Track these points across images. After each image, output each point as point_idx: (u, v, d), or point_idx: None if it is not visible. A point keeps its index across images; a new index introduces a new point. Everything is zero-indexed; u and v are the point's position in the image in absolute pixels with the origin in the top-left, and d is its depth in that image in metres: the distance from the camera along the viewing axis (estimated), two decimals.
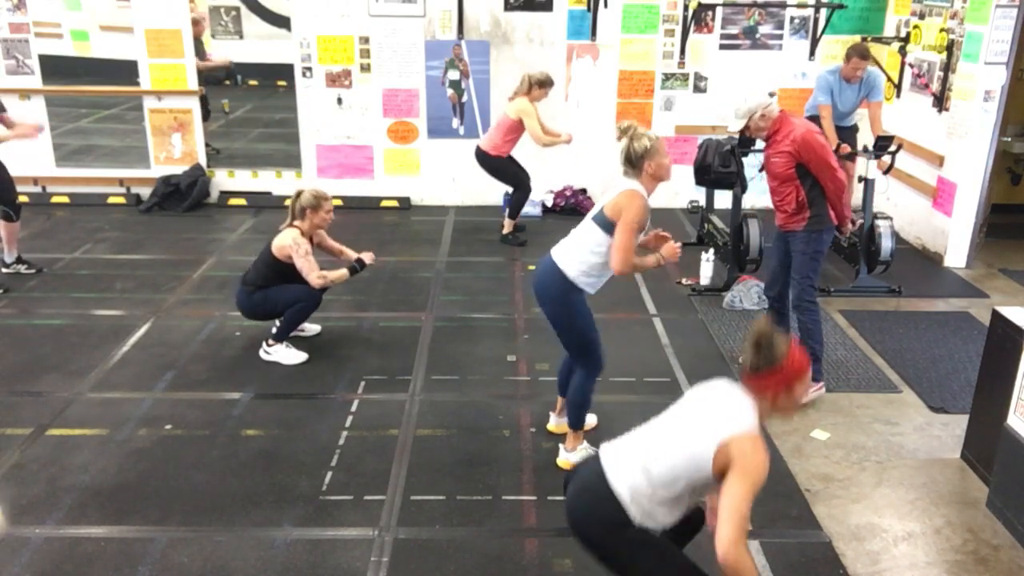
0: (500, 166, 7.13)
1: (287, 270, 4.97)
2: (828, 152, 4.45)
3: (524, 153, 7.25)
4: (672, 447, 2.54)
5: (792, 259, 4.65)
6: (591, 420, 4.22)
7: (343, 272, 5.08)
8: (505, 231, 7.26)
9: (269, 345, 5.06)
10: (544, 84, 6.89)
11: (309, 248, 4.99)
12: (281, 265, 4.97)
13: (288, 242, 4.93)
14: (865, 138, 6.98)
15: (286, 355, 5.04)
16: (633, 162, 3.65)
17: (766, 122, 4.45)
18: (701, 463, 2.46)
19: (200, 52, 9.00)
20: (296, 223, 4.99)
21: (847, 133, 6.77)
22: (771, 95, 4.45)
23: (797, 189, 4.48)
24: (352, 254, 5.21)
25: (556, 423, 4.30)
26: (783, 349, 2.50)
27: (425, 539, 3.52)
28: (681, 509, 2.59)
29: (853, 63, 6.34)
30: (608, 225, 3.64)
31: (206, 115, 9.14)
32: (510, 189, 7.31)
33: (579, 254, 3.74)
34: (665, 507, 2.54)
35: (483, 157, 7.11)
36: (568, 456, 4.03)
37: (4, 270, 6.27)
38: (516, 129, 6.97)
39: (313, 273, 4.95)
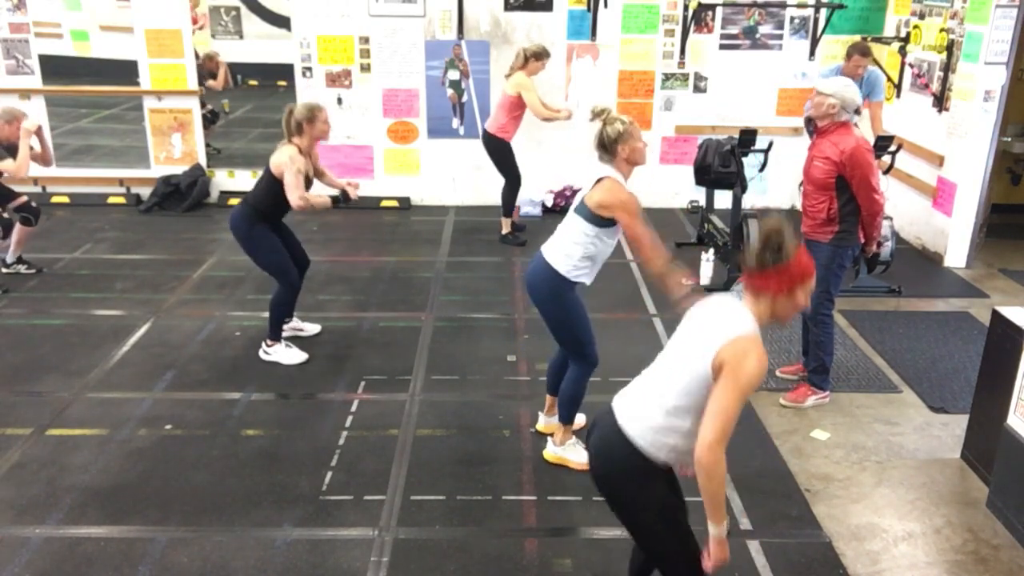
0: (504, 151, 7.02)
1: (283, 191, 4.76)
2: (874, 171, 4.30)
3: (524, 151, 7.25)
4: (677, 373, 2.48)
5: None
6: (580, 419, 4.17)
7: (326, 200, 4.91)
8: (504, 231, 7.26)
9: (268, 345, 5.05)
10: (540, 56, 6.78)
11: (303, 167, 4.75)
12: (278, 186, 4.76)
13: (284, 158, 4.72)
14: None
15: (286, 355, 5.03)
16: (607, 146, 3.65)
17: (826, 111, 4.25)
18: (704, 379, 2.39)
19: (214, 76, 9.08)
20: (294, 140, 4.81)
21: None
22: (856, 112, 4.36)
23: (831, 200, 4.34)
24: (338, 182, 5.06)
25: (545, 423, 4.29)
26: (791, 248, 2.45)
27: (425, 539, 3.52)
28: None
29: (854, 61, 6.34)
30: (590, 215, 3.65)
31: (214, 118, 9.18)
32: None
33: (565, 247, 3.75)
34: (685, 439, 2.46)
35: (490, 139, 7.01)
36: (555, 450, 4.04)
37: (4, 270, 6.28)
38: (518, 106, 6.86)
39: (296, 192, 4.71)
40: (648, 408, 2.52)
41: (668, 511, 2.58)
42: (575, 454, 4.00)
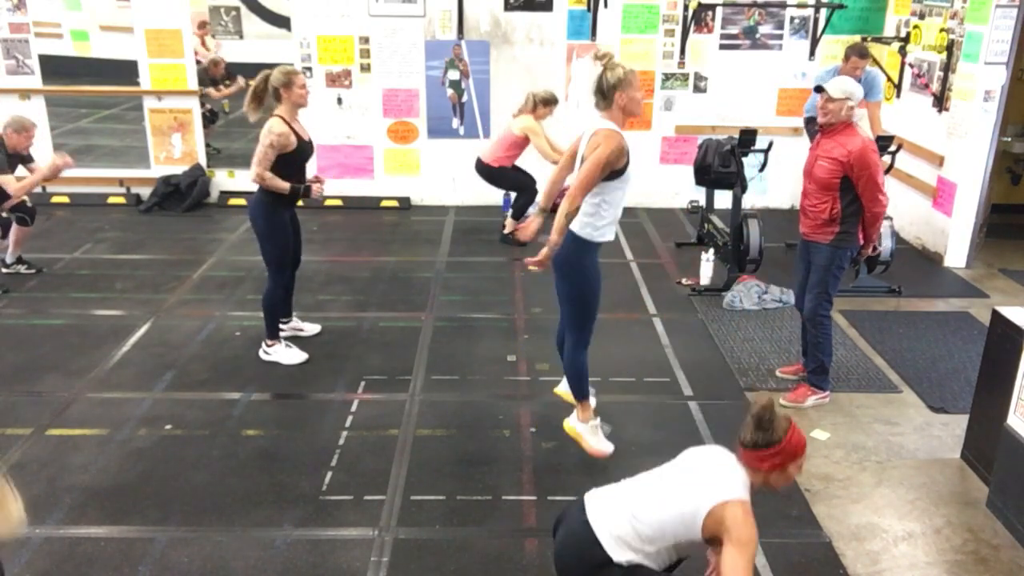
0: (500, 175, 7.15)
1: (283, 168, 4.68)
2: (880, 172, 4.29)
3: (525, 153, 7.24)
4: (662, 504, 2.55)
5: (812, 271, 4.54)
6: (592, 401, 4.12)
7: (285, 185, 4.73)
8: (506, 231, 7.26)
9: (268, 345, 5.05)
10: (549, 103, 6.93)
11: (275, 141, 4.61)
12: (277, 165, 4.67)
13: (264, 130, 4.63)
14: None
15: (286, 355, 5.03)
16: (604, 92, 3.60)
17: (836, 108, 4.23)
18: (690, 523, 2.48)
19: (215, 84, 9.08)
20: (277, 111, 4.72)
21: None
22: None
23: (834, 201, 4.31)
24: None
25: (565, 388, 4.22)
26: (783, 429, 2.53)
27: (425, 539, 3.52)
28: (665, 562, 2.60)
29: (852, 62, 6.34)
30: None
31: (214, 118, 9.19)
32: (513, 193, 7.32)
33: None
34: (649, 559, 2.55)
35: (483, 168, 7.14)
36: (577, 425, 4.00)
37: (4, 270, 6.28)
38: (519, 145, 6.99)
39: (260, 166, 4.62)
40: (620, 519, 2.57)
41: None
42: (593, 438, 3.98)
